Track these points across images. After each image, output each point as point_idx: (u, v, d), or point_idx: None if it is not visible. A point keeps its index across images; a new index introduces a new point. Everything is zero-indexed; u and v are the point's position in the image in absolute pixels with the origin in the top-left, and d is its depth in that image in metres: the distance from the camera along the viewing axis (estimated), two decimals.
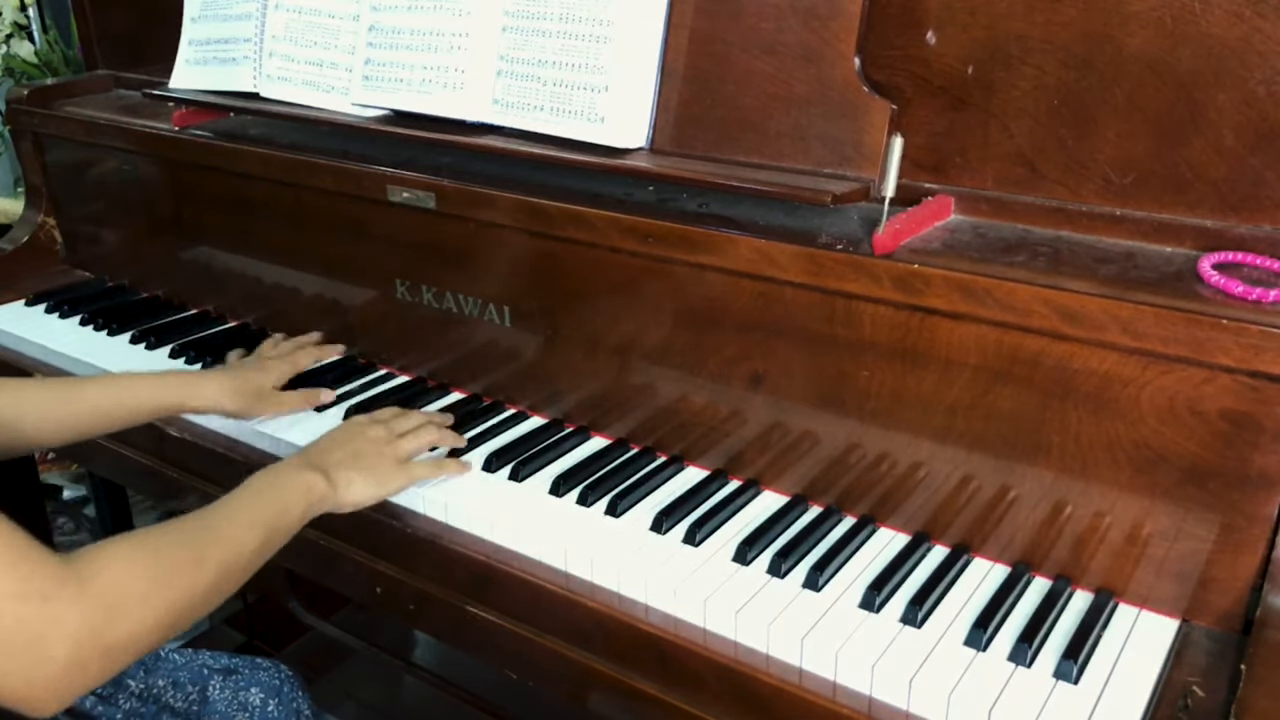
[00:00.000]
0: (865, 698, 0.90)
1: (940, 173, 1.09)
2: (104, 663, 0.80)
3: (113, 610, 0.80)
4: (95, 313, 1.66)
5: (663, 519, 1.09)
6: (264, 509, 1.00)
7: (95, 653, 0.79)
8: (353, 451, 1.12)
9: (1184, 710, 0.85)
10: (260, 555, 0.98)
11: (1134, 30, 0.96)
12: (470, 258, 1.30)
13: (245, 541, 0.95)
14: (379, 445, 1.14)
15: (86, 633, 0.78)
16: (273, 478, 1.04)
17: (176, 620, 0.86)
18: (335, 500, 1.08)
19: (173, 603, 0.86)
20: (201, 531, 0.93)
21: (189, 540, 0.91)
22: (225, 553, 0.93)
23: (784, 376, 1.10)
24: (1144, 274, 0.94)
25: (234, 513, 0.98)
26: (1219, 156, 0.95)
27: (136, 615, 0.82)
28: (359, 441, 1.14)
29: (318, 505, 1.06)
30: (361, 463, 1.11)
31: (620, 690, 1.01)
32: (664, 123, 1.18)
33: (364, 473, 1.11)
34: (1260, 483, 0.88)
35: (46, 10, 2.50)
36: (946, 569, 1.01)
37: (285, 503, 1.02)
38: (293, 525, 1.02)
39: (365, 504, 1.11)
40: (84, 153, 1.77)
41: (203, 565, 0.90)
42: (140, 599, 0.82)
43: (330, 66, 1.42)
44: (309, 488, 1.05)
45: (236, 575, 0.94)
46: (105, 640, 0.79)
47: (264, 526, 0.98)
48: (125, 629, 0.81)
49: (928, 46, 1.06)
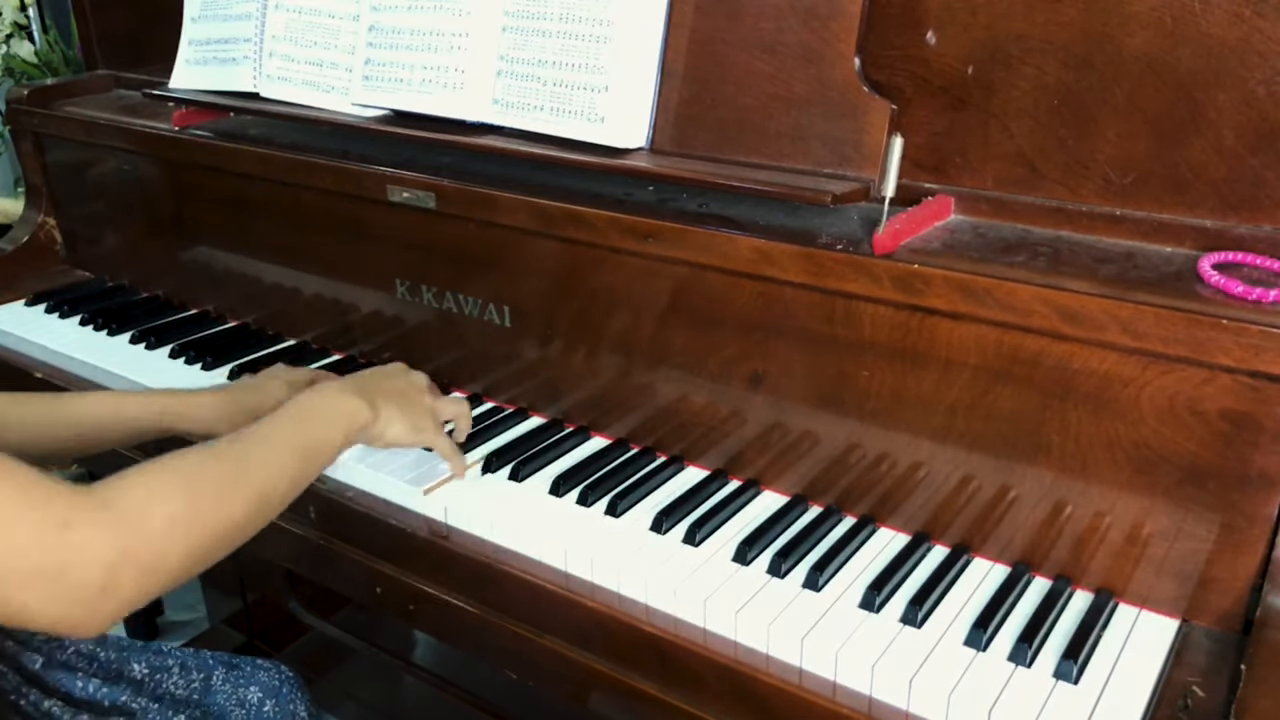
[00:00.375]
0: (865, 698, 0.90)
1: (940, 173, 1.09)
2: (140, 583, 0.79)
3: (141, 531, 0.79)
4: (95, 313, 1.66)
5: (663, 519, 1.09)
6: (305, 433, 0.98)
7: (129, 573, 0.77)
8: (399, 390, 1.12)
9: (1184, 710, 0.85)
10: (300, 481, 0.96)
11: (1134, 30, 0.96)
12: (470, 258, 1.30)
13: (285, 465, 0.93)
14: (422, 394, 1.15)
15: (116, 554, 0.77)
16: (316, 400, 1.03)
17: (213, 543, 0.85)
18: (375, 433, 1.08)
19: (206, 524, 0.84)
20: (240, 455, 0.91)
21: (224, 463, 0.89)
22: (263, 477, 0.91)
23: (784, 376, 1.10)
24: (1144, 274, 0.94)
25: (273, 436, 0.96)
26: (1219, 156, 0.95)
27: (169, 536, 0.80)
28: (403, 382, 1.14)
29: (357, 434, 1.06)
30: (405, 404, 1.11)
31: (620, 690, 1.01)
32: (664, 123, 1.18)
33: (405, 414, 1.10)
34: (1260, 483, 0.88)
35: (46, 10, 2.50)
36: (946, 569, 1.01)
37: (326, 428, 1.01)
38: (333, 451, 1.01)
39: (400, 445, 1.11)
40: (84, 153, 1.77)
41: (239, 488, 0.88)
42: (170, 519, 0.81)
43: (330, 66, 1.42)
44: (352, 414, 1.04)
45: (275, 501, 0.93)
46: (139, 560, 0.78)
47: (304, 451, 0.96)
48: (156, 548, 0.79)
49: (928, 46, 1.06)
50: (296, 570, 1.43)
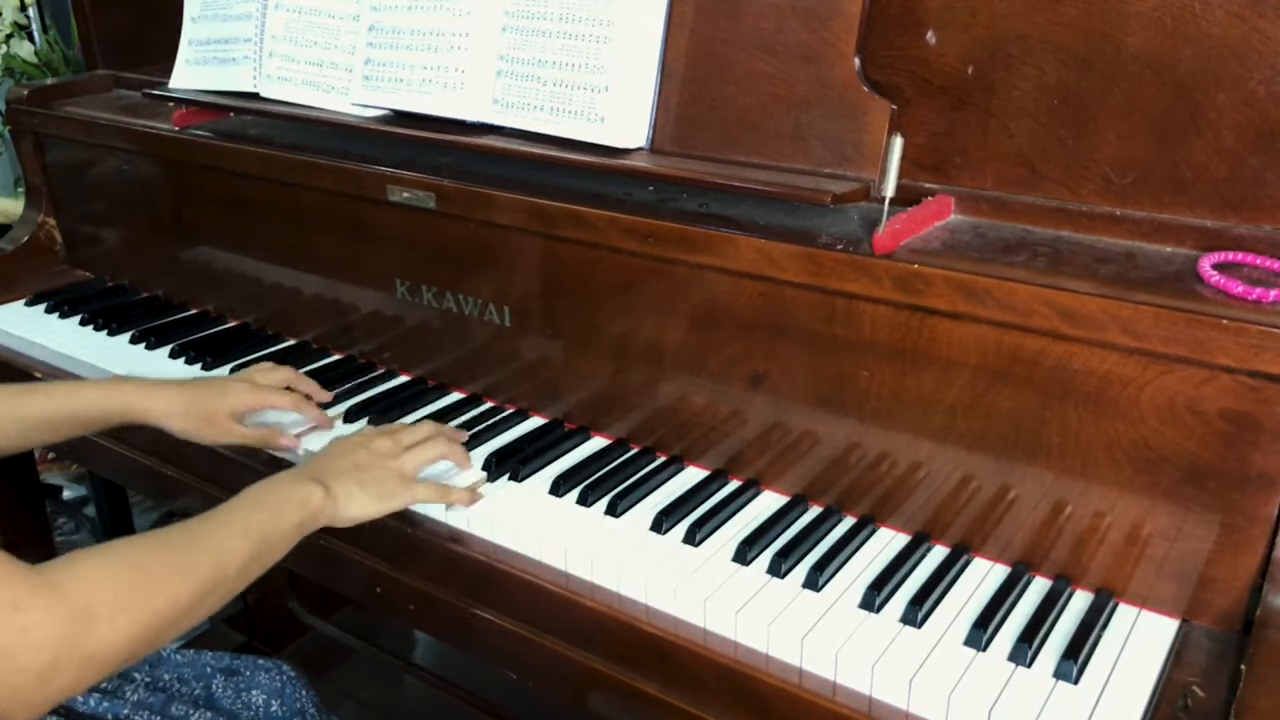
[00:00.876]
0: (865, 698, 0.90)
1: (940, 173, 1.09)
2: (80, 671, 0.78)
3: (88, 617, 0.78)
4: (95, 313, 1.66)
5: (663, 519, 1.09)
6: (257, 519, 0.97)
7: (71, 661, 0.76)
8: (355, 463, 1.09)
9: (1184, 710, 0.85)
10: (252, 566, 0.95)
11: (1134, 30, 0.96)
12: (470, 258, 1.30)
13: (235, 550, 0.93)
14: (384, 459, 1.11)
15: (61, 641, 0.76)
16: (270, 487, 1.02)
17: (160, 629, 0.84)
18: (334, 514, 1.05)
19: (154, 610, 0.83)
20: (189, 540, 0.91)
21: (174, 548, 0.89)
22: (213, 562, 0.90)
23: (784, 376, 1.10)
24: (1144, 274, 0.94)
25: (225, 522, 0.95)
26: (1219, 156, 0.95)
27: (115, 623, 0.80)
28: (361, 454, 1.11)
29: (315, 518, 1.03)
30: (364, 476, 1.08)
31: (620, 690, 1.01)
32: (664, 123, 1.18)
33: (366, 487, 1.07)
34: (1260, 483, 0.88)
35: (46, 10, 2.50)
36: (946, 569, 1.01)
37: (280, 513, 0.99)
38: (288, 537, 1.00)
39: (365, 519, 1.08)
40: (84, 153, 1.77)
41: (186, 574, 0.87)
42: (118, 606, 0.80)
43: (330, 66, 1.42)
44: (306, 499, 1.02)
45: (226, 585, 0.92)
46: (81, 649, 0.77)
47: (257, 536, 0.95)
48: (102, 637, 0.79)
49: (928, 46, 1.06)
50: (297, 570, 1.43)
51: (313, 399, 1.33)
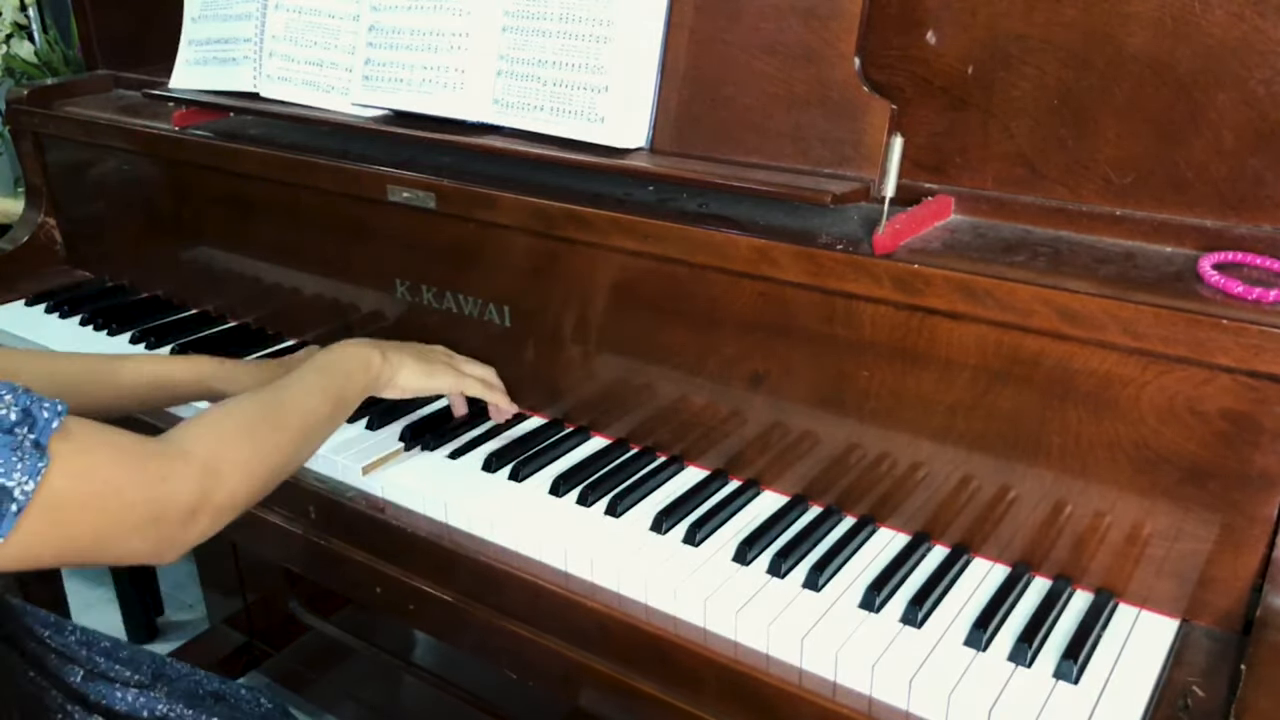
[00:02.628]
0: (865, 698, 0.90)
1: (940, 173, 1.09)
2: (213, 518, 0.92)
3: (215, 475, 0.92)
4: (95, 313, 1.66)
5: (663, 519, 1.09)
6: (331, 380, 1.12)
7: (206, 511, 0.91)
8: (413, 347, 1.25)
9: (1184, 710, 0.85)
10: (330, 422, 1.11)
11: (1134, 30, 0.96)
12: (470, 258, 1.30)
13: (318, 409, 1.08)
14: (437, 352, 1.27)
15: (199, 495, 0.90)
16: (337, 353, 1.16)
17: (268, 478, 0.99)
18: (390, 378, 1.19)
19: (264, 462, 0.98)
20: (281, 403, 1.05)
21: (271, 409, 1.04)
22: (303, 419, 1.05)
23: (784, 376, 1.10)
24: (1144, 274, 0.94)
25: (307, 385, 1.09)
26: (1219, 156, 0.95)
27: (236, 477, 0.94)
28: (419, 346, 1.27)
29: (375, 381, 1.18)
30: (417, 354, 1.23)
31: (620, 690, 1.01)
32: (664, 123, 1.18)
33: (418, 360, 1.22)
34: (1260, 483, 0.88)
35: (46, 10, 2.50)
36: (946, 569, 1.01)
37: (349, 375, 1.15)
38: (356, 396, 1.15)
39: (412, 391, 1.22)
40: (84, 153, 1.77)
41: (285, 429, 1.02)
42: (237, 462, 0.95)
43: (330, 66, 1.42)
44: (367, 362, 1.17)
45: (315, 439, 1.08)
46: (213, 500, 0.92)
47: (333, 395, 1.11)
48: (228, 488, 0.93)
49: (928, 46, 1.06)
50: (296, 570, 1.43)
51: None
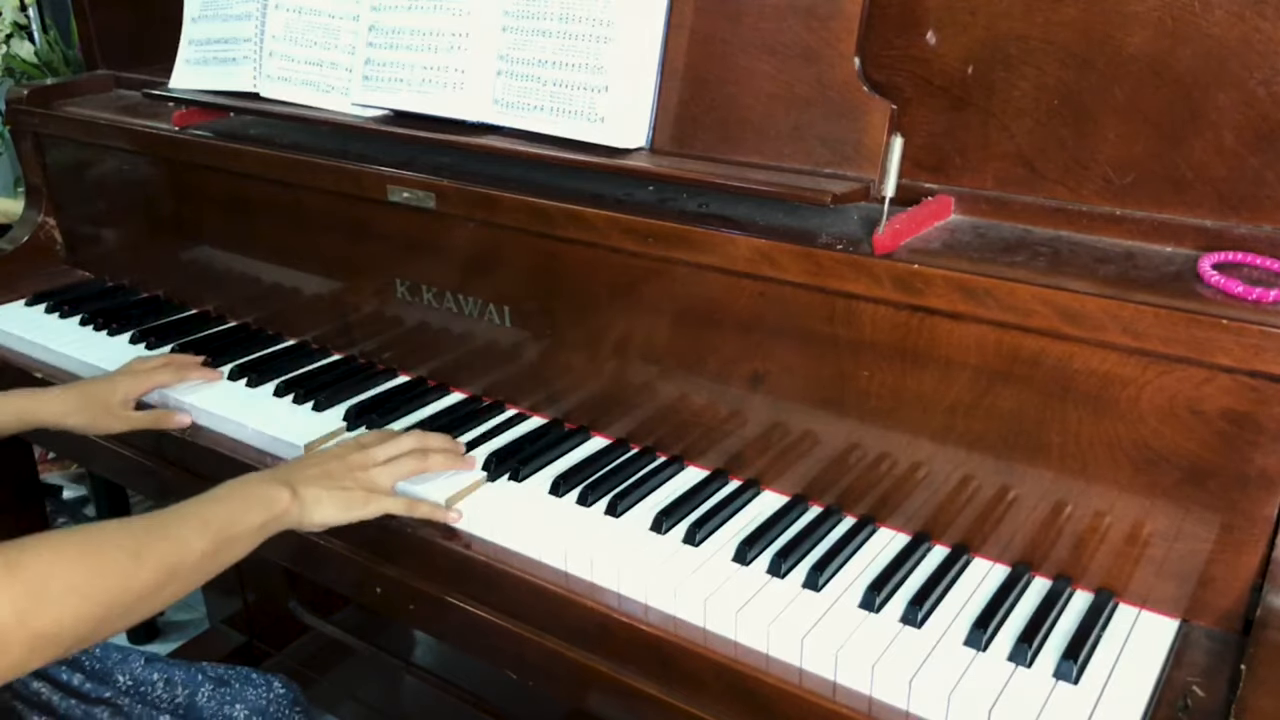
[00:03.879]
0: (865, 698, 0.90)
1: (940, 173, 1.09)
2: (29, 648, 0.79)
3: (39, 596, 0.80)
4: (95, 313, 1.66)
5: (663, 519, 1.09)
6: (218, 514, 0.99)
7: (21, 638, 0.78)
8: (325, 471, 1.10)
9: (1184, 710, 0.85)
10: (211, 560, 0.97)
11: (1134, 30, 0.96)
12: (470, 258, 1.30)
13: (191, 543, 0.94)
14: (354, 471, 1.12)
15: (12, 617, 0.78)
16: (237, 486, 1.04)
17: (110, 614, 0.86)
18: (299, 517, 1.06)
19: (106, 594, 0.85)
20: (146, 530, 0.92)
21: (130, 536, 0.90)
22: (169, 552, 0.92)
23: (784, 376, 1.10)
24: (1144, 274, 0.94)
25: (186, 515, 0.97)
26: (1219, 156, 0.95)
27: (66, 604, 0.81)
28: (334, 464, 1.12)
29: (280, 519, 1.04)
30: (332, 484, 1.09)
31: (620, 690, 1.01)
32: (664, 123, 1.18)
33: (333, 494, 1.08)
34: (1260, 483, 0.88)
35: (46, 10, 2.50)
36: (946, 569, 1.01)
37: (244, 510, 1.01)
38: (250, 535, 1.01)
39: (330, 525, 1.09)
40: (84, 153, 1.77)
41: (141, 560, 0.89)
42: (70, 588, 0.82)
43: (330, 66, 1.42)
44: (272, 500, 1.03)
45: (183, 577, 0.93)
46: (31, 626, 0.79)
47: (216, 531, 0.97)
48: (52, 616, 0.80)
49: (928, 46, 1.06)
50: (296, 570, 1.43)
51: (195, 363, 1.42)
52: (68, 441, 1.51)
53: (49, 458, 2.62)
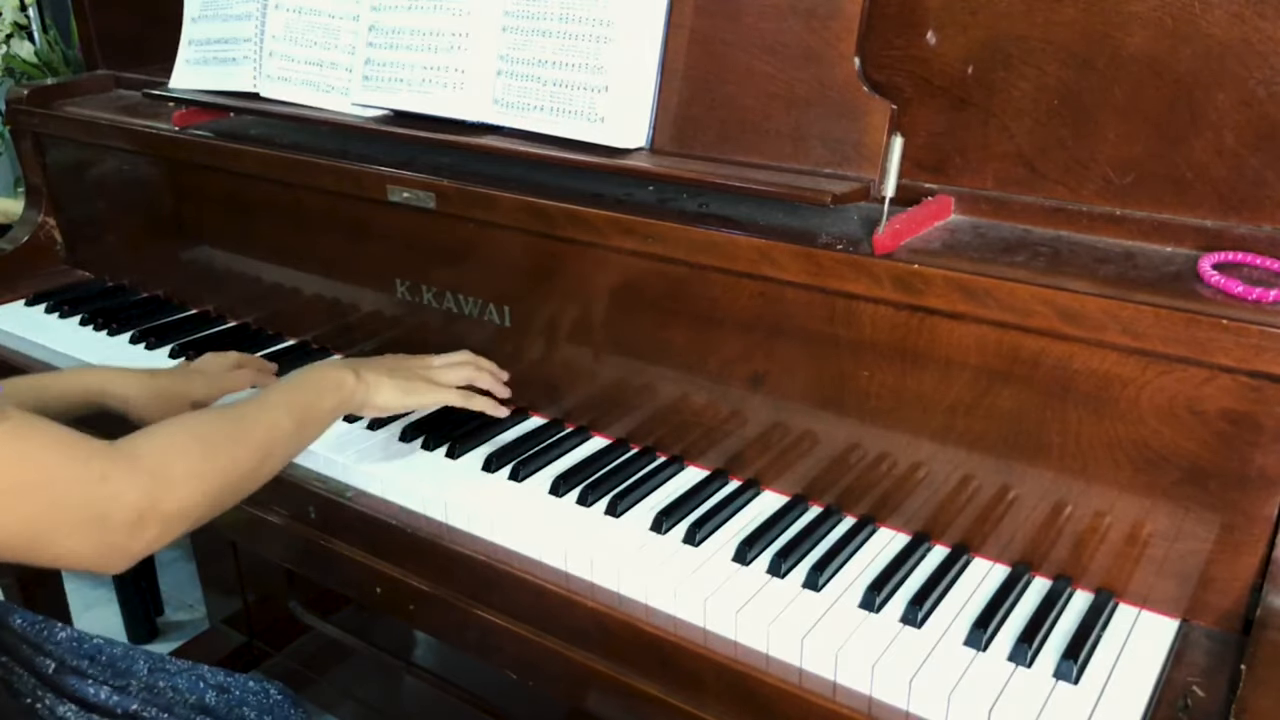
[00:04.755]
0: (865, 698, 0.90)
1: (940, 173, 1.09)
2: (162, 527, 0.90)
3: (164, 481, 0.90)
4: (95, 313, 1.66)
5: (663, 519, 1.09)
6: (298, 397, 1.10)
7: (154, 519, 0.89)
8: (389, 366, 1.22)
9: (1184, 710, 0.85)
10: (296, 439, 1.08)
11: (1134, 30, 0.96)
12: (470, 258, 1.30)
13: (280, 425, 1.05)
14: (413, 366, 1.23)
15: (145, 502, 0.88)
16: (309, 372, 1.15)
17: (223, 491, 0.97)
18: (365, 398, 1.16)
19: (219, 474, 0.96)
20: (241, 417, 1.03)
21: (231, 422, 1.02)
22: (263, 434, 1.03)
23: (784, 376, 1.10)
24: (1144, 274, 0.94)
25: (272, 401, 1.08)
26: (1219, 156, 0.95)
27: (187, 486, 0.92)
28: (394, 361, 1.24)
29: (348, 401, 1.15)
30: (393, 372, 1.20)
31: (620, 690, 1.01)
32: (664, 123, 1.18)
33: (394, 378, 1.19)
34: (1260, 483, 0.88)
35: (46, 10, 2.50)
36: (946, 569, 1.01)
37: (318, 393, 1.12)
38: (325, 415, 1.13)
39: (391, 408, 1.19)
40: (84, 153, 1.77)
41: (243, 442, 1.00)
42: (189, 471, 0.93)
43: (330, 66, 1.42)
44: (340, 382, 1.14)
45: (277, 455, 1.05)
46: (161, 508, 0.89)
47: (299, 413, 1.08)
48: (177, 496, 0.91)
49: (928, 46, 1.06)
50: (296, 570, 1.43)
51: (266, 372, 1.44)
52: None
53: None
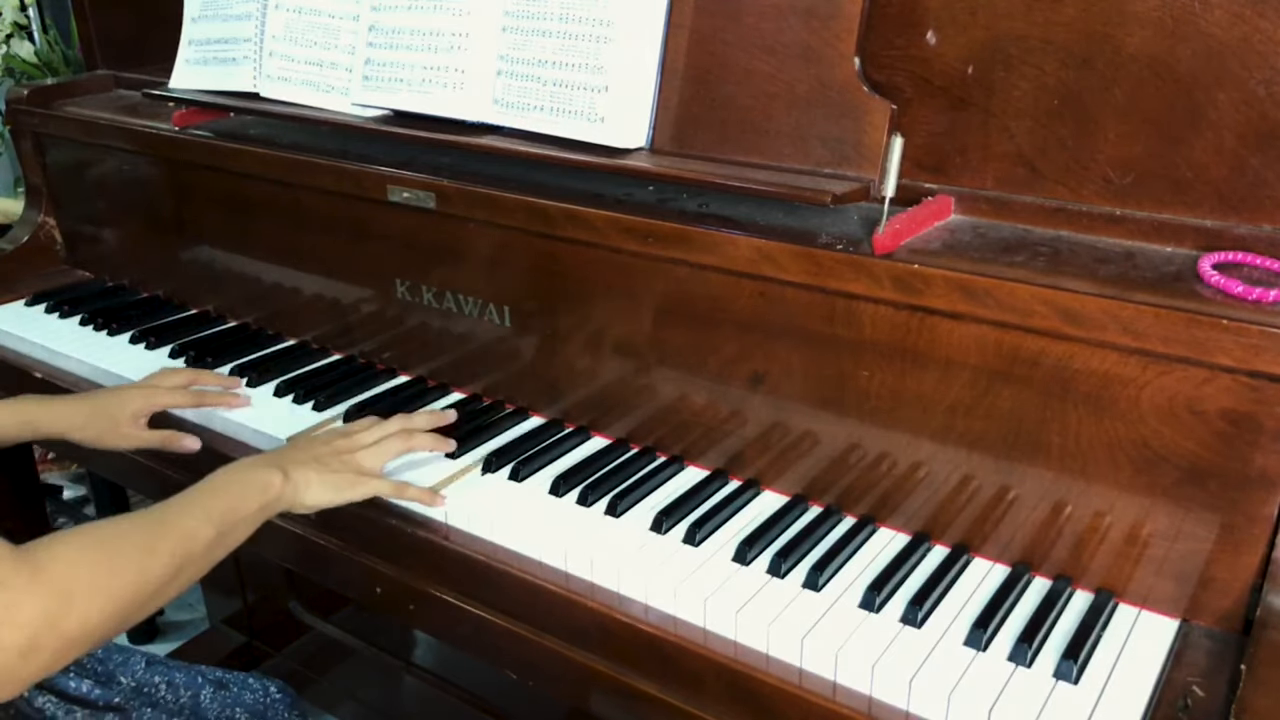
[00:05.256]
0: (865, 698, 0.90)
1: (940, 173, 1.09)
2: (58, 649, 0.81)
3: (66, 598, 0.82)
4: (95, 313, 1.66)
5: (663, 519, 1.09)
6: (219, 502, 1.02)
7: (50, 640, 0.80)
8: (314, 456, 1.13)
9: (1184, 710, 0.85)
10: (216, 547, 1.00)
11: (1134, 30, 0.96)
12: (470, 258, 1.30)
13: (198, 533, 0.97)
14: (341, 454, 1.15)
15: (41, 620, 0.80)
16: (231, 473, 1.07)
17: (130, 608, 0.88)
18: (293, 499, 1.09)
19: (126, 590, 0.88)
20: (155, 524, 0.95)
21: (142, 531, 0.93)
22: (178, 543, 0.94)
23: (784, 376, 1.10)
24: (1144, 274, 0.94)
25: (189, 505, 1.00)
26: (1219, 156, 0.95)
27: (90, 604, 0.84)
28: (321, 448, 1.15)
29: (275, 503, 1.07)
30: (322, 467, 1.12)
31: (620, 690, 1.01)
32: (664, 123, 1.18)
33: (324, 476, 1.11)
34: (1260, 483, 0.88)
35: (46, 10, 2.50)
36: (946, 569, 1.01)
37: (242, 497, 1.04)
38: (249, 519, 1.04)
39: (321, 506, 1.12)
40: (84, 153, 1.77)
41: (155, 554, 0.92)
42: (94, 588, 0.84)
43: (330, 66, 1.42)
44: (266, 484, 1.06)
45: (192, 566, 0.96)
46: (60, 628, 0.81)
47: (219, 519, 1.00)
48: (80, 616, 0.82)
49: (928, 46, 1.06)
50: (296, 570, 1.43)
51: (226, 388, 1.40)
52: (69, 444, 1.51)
53: (49, 458, 2.62)
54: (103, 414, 1.28)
